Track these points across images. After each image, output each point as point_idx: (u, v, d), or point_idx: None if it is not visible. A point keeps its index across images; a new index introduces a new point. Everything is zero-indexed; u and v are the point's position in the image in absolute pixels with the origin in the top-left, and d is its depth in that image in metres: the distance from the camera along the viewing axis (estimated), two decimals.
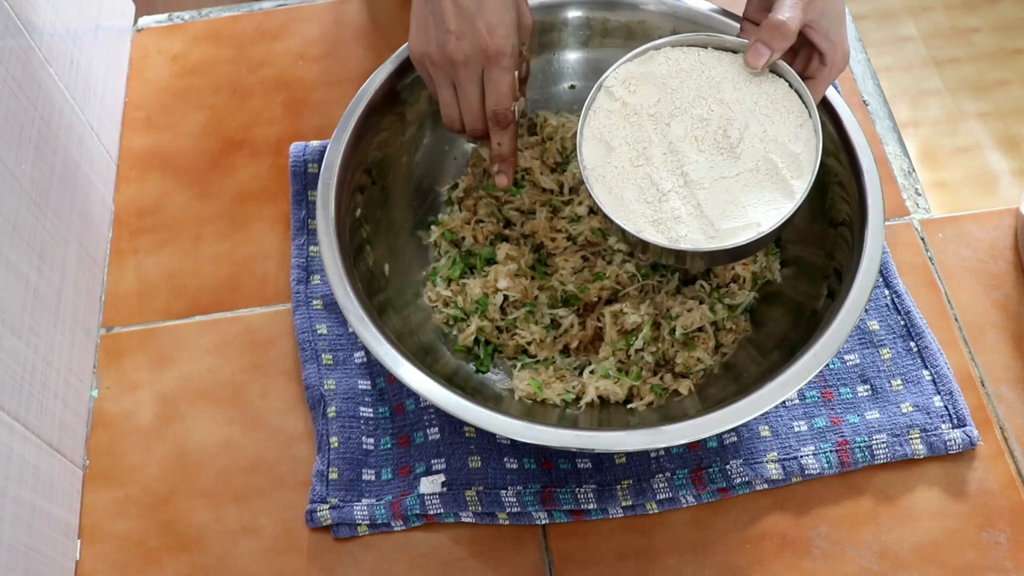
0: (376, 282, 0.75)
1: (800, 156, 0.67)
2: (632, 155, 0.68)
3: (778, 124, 0.67)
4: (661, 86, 0.69)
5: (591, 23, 0.83)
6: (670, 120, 0.69)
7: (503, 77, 0.72)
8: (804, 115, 0.68)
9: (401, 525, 0.72)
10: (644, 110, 0.69)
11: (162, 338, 0.82)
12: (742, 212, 0.66)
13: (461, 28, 0.70)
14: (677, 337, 0.74)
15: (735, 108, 0.68)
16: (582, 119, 0.70)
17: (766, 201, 0.66)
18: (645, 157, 0.68)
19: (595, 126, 0.70)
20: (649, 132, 0.69)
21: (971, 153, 1.83)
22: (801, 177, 0.66)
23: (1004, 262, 0.82)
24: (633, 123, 0.69)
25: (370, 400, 0.77)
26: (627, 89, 0.70)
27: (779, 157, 0.67)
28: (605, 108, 0.70)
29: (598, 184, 0.68)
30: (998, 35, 1.98)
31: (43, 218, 0.74)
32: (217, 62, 0.98)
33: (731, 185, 0.67)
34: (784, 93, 0.68)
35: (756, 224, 0.66)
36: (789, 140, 0.67)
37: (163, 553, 0.72)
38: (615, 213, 0.67)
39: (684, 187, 0.67)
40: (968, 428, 0.73)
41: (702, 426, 0.63)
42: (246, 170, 0.91)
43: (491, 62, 0.71)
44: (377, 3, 1.01)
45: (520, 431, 0.64)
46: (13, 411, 0.66)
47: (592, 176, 0.69)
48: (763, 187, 0.66)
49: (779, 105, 0.68)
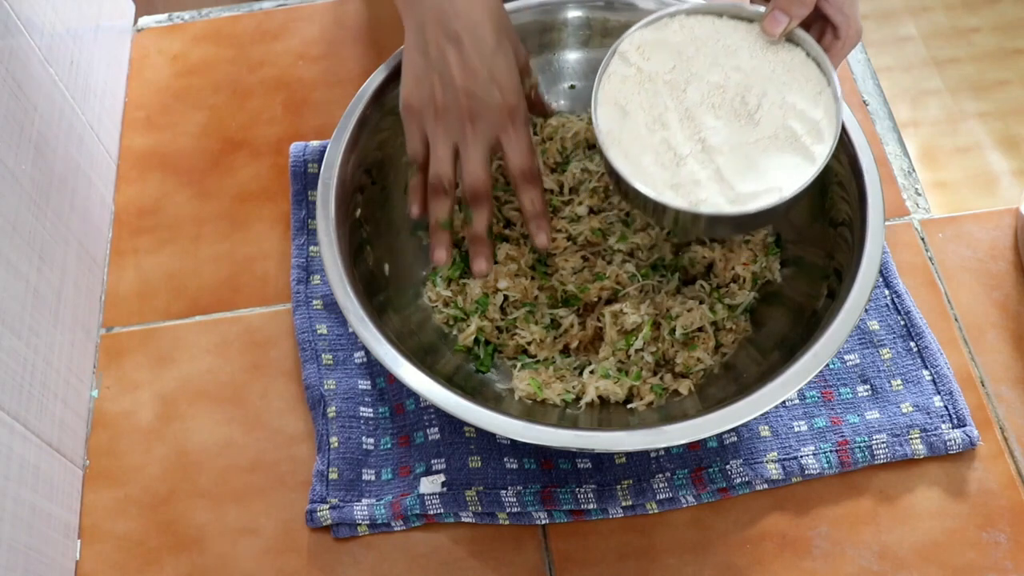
0: (376, 282, 0.75)
1: (820, 122, 0.65)
2: (648, 120, 0.67)
3: (796, 92, 0.66)
4: (676, 53, 0.68)
5: (591, 23, 0.83)
6: (686, 87, 0.67)
7: (522, 134, 0.71)
8: (823, 83, 0.66)
9: (401, 525, 0.72)
10: (659, 76, 0.68)
11: (162, 338, 0.82)
12: (763, 177, 0.65)
13: (471, 87, 0.68)
14: (677, 337, 0.74)
15: (752, 76, 0.67)
16: (596, 84, 0.68)
17: (787, 166, 0.65)
18: (661, 123, 0.67)
19: (609, 90, 0.68)
20: (665, 98, 0.67)
21: (971, 153, 1.83)
22: (822, 142, 0.65)
23: (1004, 262, 0.82)
24: (648, 89, 0.68)
25: (370, 400, 0.77)
26: (641, 56, 0.68)
27: (798, 124, 0.65)
28: (620, 73, 0.68)
29: (613, 148, 0.66)
30: (998, 35, 1.98)
31: (43, 218, 0.74)
32: (217, 62, 0.98)
33: (750, 151, 0.65)
34: (802, 61, 0.67)
35: (778, 188, 0.64)
36: (808, 107, 0.66)
37: (163, 553, 0.72)
38: (633, 177, 0.65)
39: (702, 152, 0.66)
40: (968, 428, 0.73)
41: (702, 426, 0.63)
42: (246, 170, 0.91)
43: (508, 121, 0.70)
44: (377, 3, 1.01)
45: (520, 431, 0.64)
46: (13, 411, 0.66)
47: (607, 140, 0.67)
48: (783, 153, 0.65)
49: (796, 73, 0.67)
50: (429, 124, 0.71)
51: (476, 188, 0.71)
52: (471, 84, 0.68)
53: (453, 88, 0.69)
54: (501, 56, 0.69)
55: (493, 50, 0.69)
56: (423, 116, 0.71)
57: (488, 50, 0.69)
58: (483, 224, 0.73)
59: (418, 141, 0.72)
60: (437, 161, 0.71)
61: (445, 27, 0.68)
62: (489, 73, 0.69)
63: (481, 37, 0.69)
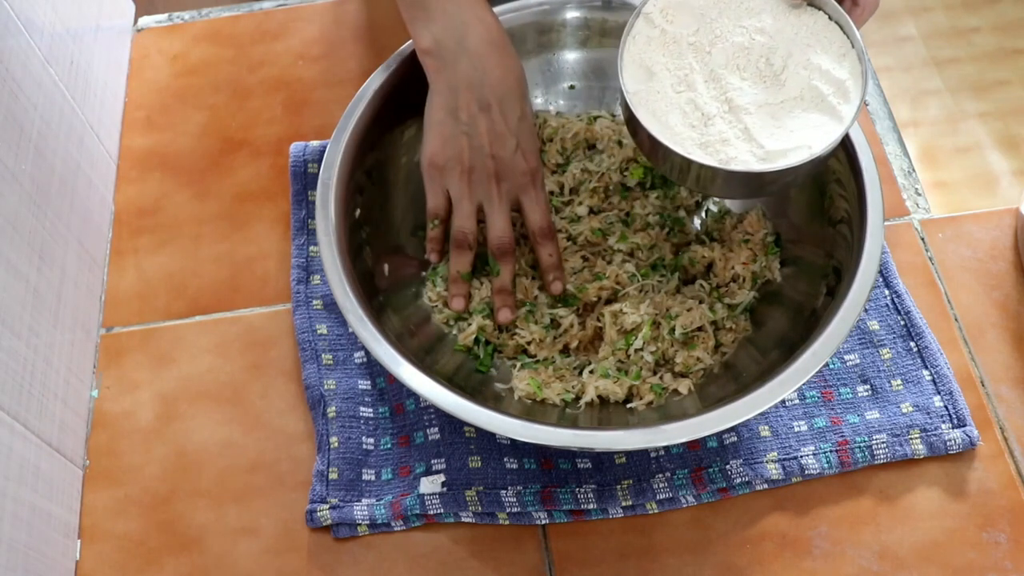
0: (376, 282, 0.75)
1: (846, 82, 0.65)
2: (673, 81, 0.68)
3: (821, 53, 0.66)
4: (699, 16, 0.69)
5: (589, 23, 0.83)
6: (711, 48, 0.68)
7: (541, 195, 0.75)
8: (847, 45, 0.66)
9: (401, 525, 0.72)
10: (684, 38, 0.68)
11: (162, 338, 0.82)
12: (791, 135, 0.65)
13: (499, 152, 0.73)
14: (677, 337, 0.74)
15: (776, 37, 0.67)
16: (622, 46, 0.68)
17: (814, 125, 0.65)
18: (687, 83, 0.67)
19: (635, 51, 0.69)
20: (690, 60, 0.68)
21: (971, 153, 1.83)
22: (849, 102, 0.65)
23: (1004, 262, 0.82)
24: (673, 51, 0.68)
25: (370, 400, 0.77)
26: (665, 18, 0.69)
27: (824, 84, 0.65)
28: (644, 35, 0.69)
29: (642, 108, 0.67)
30: (998, 35, 1.98)
31: (43, 218, 0.74)
32: (217, 62, 0.98)
33: (777, 111, 0.66)
34: (824, 24, 0.67)
35: (807, 146, 0.64)
36: (833, 67, 0.66)
37: (163, 553, 0.72)
38: (663, 135, 0.66)
39: (729, 112, 0.66)
40: (968, 428, 0.73)
41: (701, 425, 0.63)
42: (246, 170, 0.91)
43: (530, 184, 0.75)
44: (377, 3, 1.01)
45: (519, 431, 0.64)
46: (13, 411, 0.66)
47: (635, 100, 0.67)
48: (810, 112, 0.65)
49: (820, 36, 0.67)
50: (454, 182, 0.75)
51: (503, 245, 0.75)
52: (499, 150, 0.73)
53: (482, 152, 0.73)
54: (527, 124, 0.75)
55: (519, 118, 0.74)
56: (448, 174, 0.75)
57: (515, 118, 0.74)
58: (508, 277, 0.76)
59: (441, 196, 0.76)
60: (463, 217, 0.75)
61: (479, 94, 0.73)
62: (516, 140, 0.74)
63: (511, 106, 0.74)
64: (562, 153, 0.84)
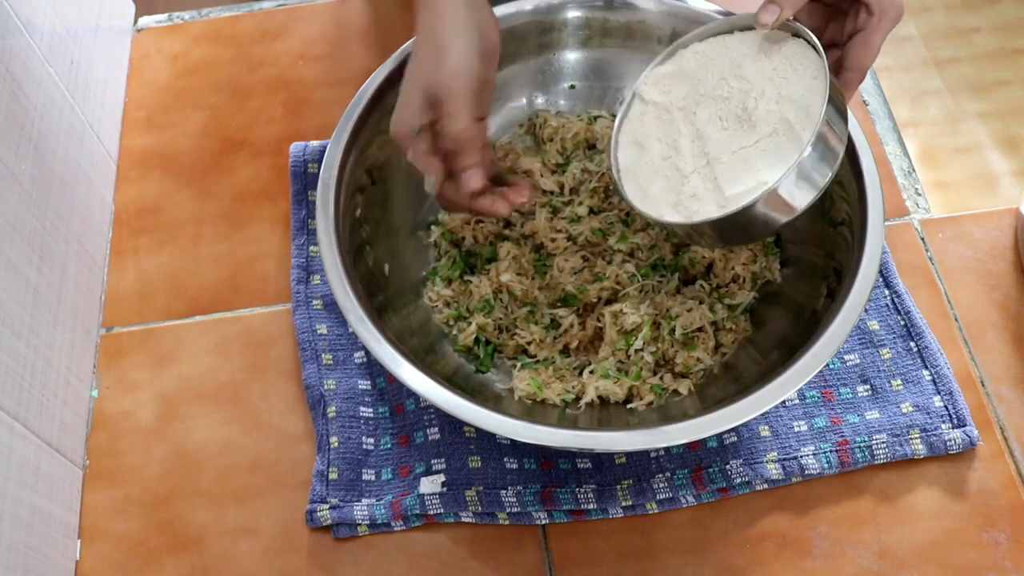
0: (376, 282, 0.75)
1: (811, 107, 0.64)
2: (663, 149, 0.69)
3: (794, 83, 0.66)
4: (691, 80, 0.70)
5: (590, 23, 0.83)
6: (696, 108, 0.69)
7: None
8: (820, 67, 0.64)
9: (401, 525, 0.72)
10: (674, 105, 0.70)
11: (162, 338, 0.82)
12: (755, 175, 0.65)
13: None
14: (677, 337, 0.74)
15: (754, 80, 0.67)
16: (616, 128, 0.71)
17: (778, 160, 0.64)
18: (674, 148, 0.69)
19: (628, 130, 0.72)
20: (679, 125, 0.69)
21: (971, 153, 1.83)
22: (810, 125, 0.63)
23: (1004, 262, 0.82)
24: (665, 120, 0.70)
25: (370, 400, 0.77)
26: (660, 91, 0.71)
27: (793, 114, 0.65)
28: (638, 112, 0.72)
29: (629, 183, 0.70)
30: (998, 35, 1.98)
31: (43, 218, 0.74)
32: (217, 62, 0.98)
33: (749, 154, 0.66)
34: (803, 51, 0.66)
35: (764, 182, 0.64)
36: (803, 95, 0.65)
37: (163, 553, 0.72)
38: (639, 202, 0.68)
39: (706, 166, 0.67)
40: (968, 428, 0.73)
41: (701, 426, 0.63)
42: (246, 170, 0.91)
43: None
44: (377, 3, 1.01)
45: (520, 431, 0.64)
46: (13, 411, 0.66)
47: (624, 176, 0.70)
48: (780, 147, 0.65)
49: (796, 64, 0.66)
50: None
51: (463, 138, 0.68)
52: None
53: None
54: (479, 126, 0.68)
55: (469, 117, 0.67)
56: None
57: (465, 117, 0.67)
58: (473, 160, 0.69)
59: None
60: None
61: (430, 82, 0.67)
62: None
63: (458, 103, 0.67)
64: (562, 153, 0.84)
